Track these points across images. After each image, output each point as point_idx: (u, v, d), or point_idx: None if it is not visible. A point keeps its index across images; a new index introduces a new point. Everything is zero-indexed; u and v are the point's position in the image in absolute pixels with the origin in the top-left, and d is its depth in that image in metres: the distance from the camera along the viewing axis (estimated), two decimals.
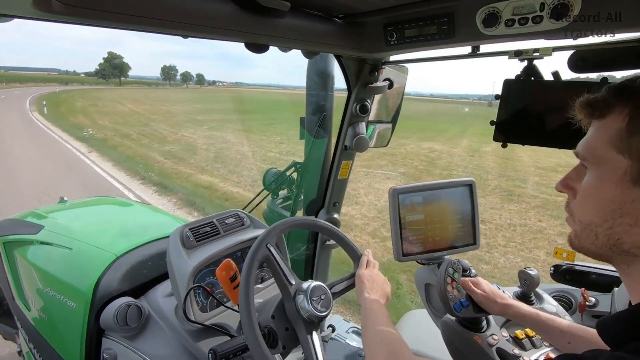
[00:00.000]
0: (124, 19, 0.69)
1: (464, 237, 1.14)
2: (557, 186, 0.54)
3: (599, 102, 0.47)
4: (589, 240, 0.49)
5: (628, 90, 0.44)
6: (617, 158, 0.44)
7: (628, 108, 0.44)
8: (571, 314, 1.23)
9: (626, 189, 0.43)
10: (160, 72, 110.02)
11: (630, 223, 0.43)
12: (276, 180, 1.86)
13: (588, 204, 0.49)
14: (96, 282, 1.15)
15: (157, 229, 1.48)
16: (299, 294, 0.84)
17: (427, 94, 42.79)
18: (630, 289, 0.48)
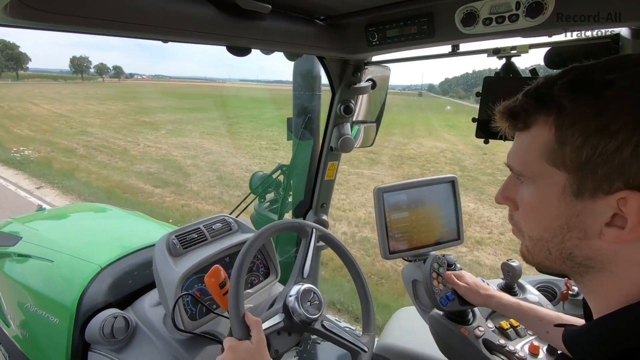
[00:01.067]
0: (101, 24, 0.67)
1: (448, 233, 1.16)
2: (497, 198, 0.52)
3: (520, 112, 0.44)
4: (542, 255, 0.47)
5: (548, 97, 0.41)
6: (552, 171, 0.41)
7: (552, 117, 0.41)
8: (555, 303, 1.26)
9: (569, 203, 0.41)
10: (69, 64, 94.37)
11: (579, 237, 0.42)
12: (263, 184, 1.85)
13: (533, 220, 0.46)
14: (80, 296, 1.12)
15: (142, 237, 1.45)
16: (294, 314, 0.84)
17: None
18: (588, 299, 0.48)
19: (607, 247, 0.40)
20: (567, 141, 0.39)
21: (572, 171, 0.40)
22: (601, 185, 0.38)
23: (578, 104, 0.39)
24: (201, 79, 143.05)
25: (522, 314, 0.87)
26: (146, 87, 58.81)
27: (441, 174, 1.18)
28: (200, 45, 0.96)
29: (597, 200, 0.39)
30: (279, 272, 1.26)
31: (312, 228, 0.97)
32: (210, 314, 1.07)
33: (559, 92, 0.40)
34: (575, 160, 0.39)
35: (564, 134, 0.39)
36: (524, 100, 0.44)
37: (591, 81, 0.39)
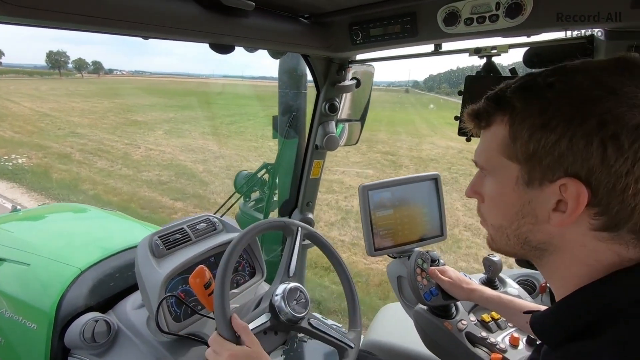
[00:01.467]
0: (80, 20, 0.65)
1: (431, 229, 1.18)
2: (467, 192, 0.57)
3: (482, 113, 0.50)
4: (502, 242, 0.52)
5: (503, 99, 0.47)
6: (508, 164, 0.47)
7: (507, 116, 0.46)
8: (534, 296, 1.30)
9: (522, 191, 0.46)
10: (46, 60, 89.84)
11: (532, 222, 0.47)
12: (247, 183, 1.83)
13: (494, 210, 0.52)
14: (59, 300, 1.08)
15: (123, 238, 1.41)
16: (281, 313, 0.84)
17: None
18: (549, 283, 0.52)
19: (555, 231, 0.45)
20: (517, 136, 0.45)
21: (523, 163, 0.45)
22: (546, 174, 0.43)
23: (526, 104, 0.45)
24: (183, 74, 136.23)
25: (503, 306, 0.90)
26: (128, 84, 54.07)
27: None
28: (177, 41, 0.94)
29: (544, 189, 0.44)
30: (265, 272, 1.26)
31: (298, 226, 0.97)
32: (195, 315, 1.06)
33: (511, 94, 0.46)
34: (524, 153, 0.45)
35: (515, 129, 0.45)
36: (485, 103, 0.50)
37: (536, 84, 0.45)
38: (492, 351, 0.94)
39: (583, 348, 0.41)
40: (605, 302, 0.42)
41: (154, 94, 32.61)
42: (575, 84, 0.42)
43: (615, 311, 0.41)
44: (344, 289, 1.01)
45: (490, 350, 0.95)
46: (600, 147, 0.39)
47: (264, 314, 0.84)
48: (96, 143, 10.68)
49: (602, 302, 0.43)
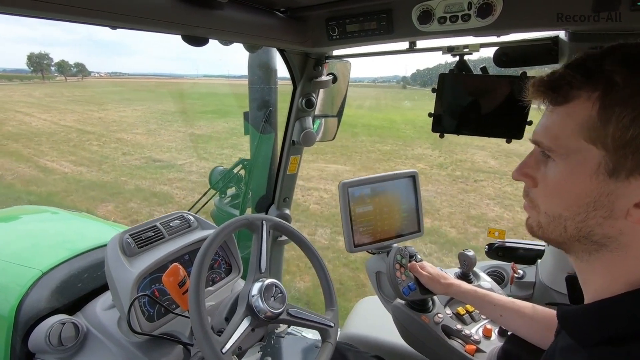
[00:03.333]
0: (44, 7, 0.61)
1: (409, 226, 1.20)
2: (514, 175, 0.51)
3: (563, 86, 0.42)
4: (556, 232, 0.46)
5: (596, 72, 0.40)
6: (589, 149, 0.40)
7: (597, 92, 0.39)
8: (503, 286, 1.35)
9: (602, 182, 0.40)
10: (27, 62, 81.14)
11: (604, 215, 0.41)
12: (223, 179, 1.80)
13: (557, 198, 0.45)
14: (18, 304, 1.02)
15: (91, 238, 1.35)
16: (260, 313, 0.83)
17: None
18: (586, 278, 0.48)
19: (628, 228, 0.40)
20: (612, 119, 0.38)
21: (611, 150, 0.39)
22: (639, 166, 0.38)
23: (631, 81, 0.37)
24: (162, 75, 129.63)
25: (479, 299, 0.93)
26: (121, 86, 45.76)
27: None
28: (154, 38, 0.90)
29: (632, 181, 0.39)
30: (241, 268, 1.24)
31: (262, 219, 0.95)
32: (170, 315, 1.03)
33: (611, 66, 0.39)
34: (618, 140, 0.38)
35: (610, 111, 0.38)
36: (568, 73, 0.42)
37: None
38: (467, 342, 0.98)
39: (625, 354, 0.38)
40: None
41: (160, 97, 27.20)
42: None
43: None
44: (316, 273, 1.02)
45: (465, 341, 0.98)
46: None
47: (245, 318, 0.82)
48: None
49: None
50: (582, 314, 0.45)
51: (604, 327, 0.41)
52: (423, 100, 27.79)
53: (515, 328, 0.86)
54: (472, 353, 0.94)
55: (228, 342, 0.77)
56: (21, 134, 12.23)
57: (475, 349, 0.95)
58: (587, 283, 0.48)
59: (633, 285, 0.41)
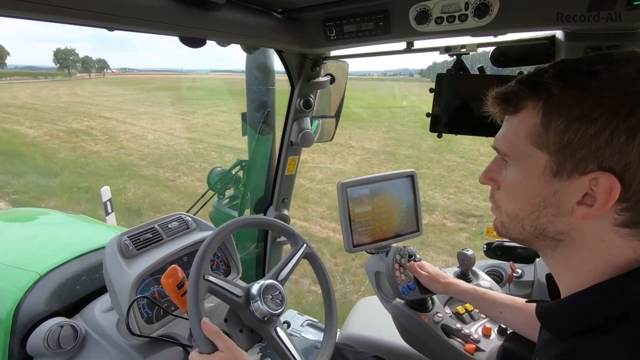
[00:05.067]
0: (45, 10, 0.61)
1: (408, 225, 1.20)
2: (481, 179, 0.56)
3: (512, 98, 0.48)
4: (516, 230, 0.51)
5: (539, 84, 0.45)
6: (536, 153, 0.45)
7: (540, 102, 0.44)
8: (502, 285, 1.36)
9: (548, 182, 0.45)
10: (53, 59, 76.57)
11: (553, 213, 0.45)
12: (221, 180, 1.80)
13: (513, 198, 0.50)
14: (16, 307, 1.02)
15: (89, 240, 1.34)
16: (252, 300, 0.83)
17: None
18: (556, 274, 0.51)
19: (576, 223, 0.44)
20: (551, 125, 0.43)
21: (553, 153, 0.43)
22: (578, 167, 0.42)
23: (565, 92, 0.42)
24: (170, 71, 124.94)
25: (478, 298, 0.93)
26: (148, 82, 41.36)
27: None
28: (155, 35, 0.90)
29: (572, 181, 0.43)
30: (240, 270, 1.24)
31: (304, 243, 0.98)
32: (169, 316, 1.03)
33: (549, 79, 0.44)
34: (557, 143, 0.43)
35: (550, 118, 0.43)
36: (517, 86, 0.47)
37: (578, 72, 0.42)
38: (466, 342, 0.98)
39: (595, 342, 0.41)
40: (628, 298, 0.41)
41: (231, 95, 21.55)
42: (623, 75, 0.40)
43: (633, 307, 0.40)
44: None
45: (465, 340, 0.98)
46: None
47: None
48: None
49: (624, 298, 0.42)
50: (557, 309, 0.48)
51: (576, 320, 0.44)
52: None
53: (516, 325, 0.86)
54: (471, 352, 0.95)
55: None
56: (152, 152, 9.08)
57: (475, 347, 0.95)
58: (558, 279, 0.51)
59: (598, 279, 0.44)
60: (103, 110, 17.84)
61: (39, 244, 1.38)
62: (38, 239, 1.45)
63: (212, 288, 0.79)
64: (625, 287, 0.42)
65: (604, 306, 0.43)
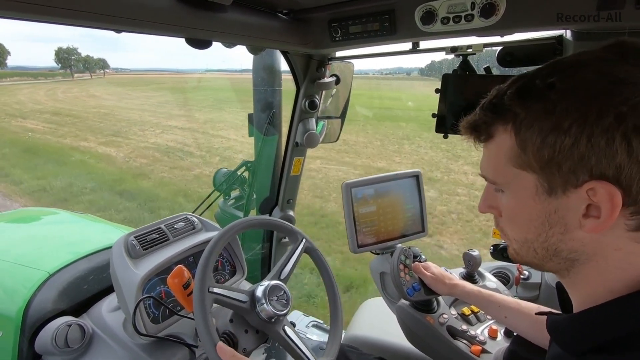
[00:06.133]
0: (49, 12, 0.62)
1: (413, 226, 1.20)
2: (480, 208, 0.54)
3: (480, 125, 0.47)
4: (530, 255, 0.49)
5: (501, 107, 0.44)
6: (522, 175, 0.44)
7: (509, 124, 0.43)
8: (509, 287, 1.35)
9: (544, 201, 0.43)
10: (55, 59, 71.41)
11: (561, 231, 0.43)
12: (227, 181, 1.81)
13: (516, 224, 0.48)
14: (26, 306, 1.03)
15: (96, 240, 1.36)
16: (258, 303, 0.83)
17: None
18: (572, 291, 0.49)
19: (589, 238, 0.42)
20: (527, 144, 0.42)
21: (539, 171, 0.42)
22: (569, 180, 0.40)
23: (528, 109, 0.41)
24: (164, 70, 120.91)
25: (484, 300, 0.93)
26: (156, 83, 37.25)
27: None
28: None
29: (569, 195, 0.41)
30: (246, 270, 1.25)
31: (303, 238, 0.98)
32: (174, 316, 1.03)
33: (509, 101, 0.43)
34: (539, 161, 0.41)
35: (523, 137, 0.42)
36: (482, 114, 0.47)
37: (535, 87, 0.42)
38: (472, 343, 0.97)
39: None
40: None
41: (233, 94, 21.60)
42: (579, 80, 0.39)
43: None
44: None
45: (470, 342, 0.98)
46: (624, 141, 0.36)
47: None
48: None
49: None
50: (570, 323, 0.46)
51: (590, 337, 0.42)
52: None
53: (520, 329, 0.86)
54: (477, 354, 0.94)
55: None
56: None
57: (481, 349, 0.94)
58: (573, 294, 0.49)
59: (615, 293, 0.42)
60: (160, 116, 14.69)
61: (48, 243, 1.40)
62: (47, 238, 1.47)
63: (218, 299, 0.79)
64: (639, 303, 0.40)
65: (620, 323, 0.40)
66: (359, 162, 8.15)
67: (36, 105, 19.61)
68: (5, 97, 23.69)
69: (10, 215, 1.89)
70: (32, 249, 1.32)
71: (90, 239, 1.44)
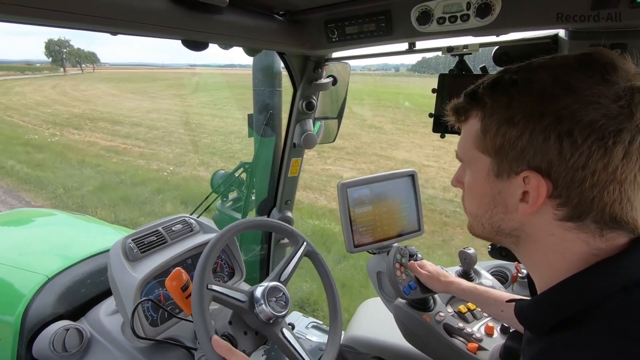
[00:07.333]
0: (44, 14, 0.61)
1: (409, 225, 1.20)
2: (452, 182, 0.60)
3: (460, 109, 0.52)
4: (479, 229, 0.55)
5: (477, 95, 0.49)
6: (481, 157, 0.50)
7: (480, 111, 0.49)
8: (507, 286, 1.35)
9: (492, 183, 0.49)
10: (45, 52, 61.74)
11: (503, 211, 0.49)
12: (225, 182, 1.80)
13: (471, 199, 0.55)
14: (25, 310, 1.03)
15: (94, 243, 1.36)
16: (257, 304, 0.83)
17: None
18: (528, 269, 0.54)
19: (524, 220, 0.48)
20: (487, 130, 0.47)
21: (493, 155, 0.48)
22: (512, 167, 0.46)
23: (494, 100, 0.47)
24: (147, 65, 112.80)
25: (479, 297, 0.93)
26: (156, 77, 32.07)
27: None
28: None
29: (511, 180, 0.47)
30: (244, 272, 1.24)
31: (304, 241, 0.98)
32: (173, 319, 1.03)
33: (483, 90, 0.49)
34: (493, 147, 0.47)
35: (485, 123, 0.48)
36: (463, 99, 0.52)
37: (503, 81, 0.47)
38: (469, 341, 0.97)
39: (570, 337, 0.43)
40: (591, 292, 0.43)
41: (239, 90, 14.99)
42: (536, 81, 0.44)
43: (601, 300, 0.42)
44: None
45: (467, 340, 0.98)
46: (557, 142, 0.41)
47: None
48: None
49: (587, 292, 0.43)
50: (532, 306, 0.50)
51: (547, 317, 0.47)
52: None
53: (517, 323, 0.86)
54: (474, 351, 0.94)
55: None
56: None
57: (478, 346, 0.95)
58: (532, 275, 0.54)
59: (562, 275, 0.46)
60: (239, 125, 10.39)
61: (46, 245, 1.39)
62: (45, 240, 1.47)
63: (216, 297, 0.79)
64: (589, 280, 0.44)
65: (569, 302, 0.45)
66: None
67: (70, 108, 14.98)
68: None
69: (6, 216, 1.88)
70: (30, 252, 1.32)
71: (87, 241, 1.44)
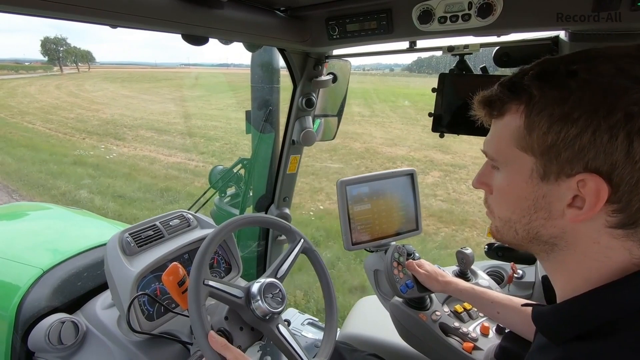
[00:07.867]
0: (44, 6, 0.61)
1: (407, 224, 1.21)
2: (474, 183, 0.55)
3: (495, 101, 0.47)
4: (510, 235, 0.51)
5: (519, 87, 0.44)
6: (522, 156, 0.45)
7: (522, 105, 0.44)
8: (502, 286, 1.36)
9: (536, 185, 0.44)
10: (41, 51, 58.78)
11: (544, 217, 0.45)
12: (223, 178, 1.80)
13: (504, 202, 0.50)
14: (19, 302, 1.03)
15: (91, 237, 1.35)
16: (253, 300, 0.83)
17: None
18: (552, 277, 0.51)
19: (569, 226, 0.44)
20: (534, 127, 0.42)
21: (538, 156, 0.43)
22: (564, 169, 0.41)
23: (545, 93, 0.42)
24: (139, 64, 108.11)
25: (476, 297, 0.94)
26: (169, 78, 30.54)
27: None
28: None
29: (560, 183, 0.42)
30: (241, 268, 1.24)
31: (302, 238, 0.97)
32: (169, 313, 1.03)
33: (529, 82, 0.43)
34: (541, 146, 0.42)
35: (532, 120, 0.43)
36: (499, 90, 0.47)
37: (557, 72, 0.42)
38: (464, 340, 0.98)
39: (593, 349, 0.41)
40: (622, 304, 0.41)
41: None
42: (600, 72, 0.39)
43: (631, 313, 0.40)
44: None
45: (463, 339, 0.99)
46: (626, 141, 0.37)
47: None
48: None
49: (618, 303, 0.41)
50: (552, 314, 0.48)
51: (572, 326, 0.44)
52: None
53: (513, 325, 0.87)
54: (469, 351, 0.95)
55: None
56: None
57: (473, 346, 0.95)
58: (554, 282, 0.51)
59: (592, 284, 0.44)
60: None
61: (42, 239, 1.39)
62: (41, 234, 1.46)
63: (213, 292, 0.79)
64: (616, 293, 0.42)
65: (599, 313, 0.42)
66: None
67: (93, 112, 13.15)
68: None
69: (2, 209, 1.87)
70: (26, 245, 1.31)
71: (84, 234, 1.43)
